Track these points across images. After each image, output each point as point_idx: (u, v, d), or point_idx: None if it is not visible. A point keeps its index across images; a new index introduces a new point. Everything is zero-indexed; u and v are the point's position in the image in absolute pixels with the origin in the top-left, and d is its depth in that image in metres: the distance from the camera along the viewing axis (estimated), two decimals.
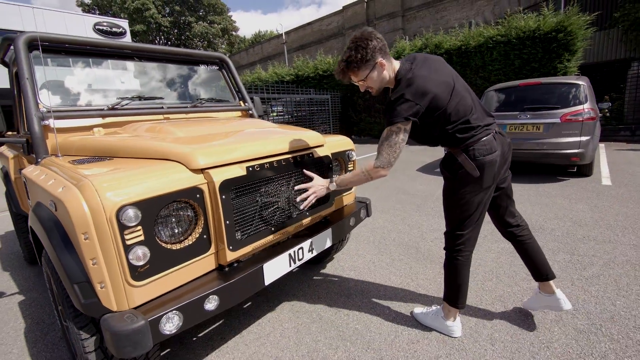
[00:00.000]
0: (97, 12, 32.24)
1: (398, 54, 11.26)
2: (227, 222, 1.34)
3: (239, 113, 2.85)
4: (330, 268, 2.61)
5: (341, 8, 23.43)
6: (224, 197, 1.31)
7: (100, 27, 19.57)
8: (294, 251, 1.62)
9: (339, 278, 2.45)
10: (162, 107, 2.32)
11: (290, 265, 1.60)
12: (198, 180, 1.29)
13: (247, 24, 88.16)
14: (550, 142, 4.60)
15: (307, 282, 2.42)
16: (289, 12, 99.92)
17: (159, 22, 31.18)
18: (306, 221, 1.77)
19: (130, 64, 2.50)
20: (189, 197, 1.27)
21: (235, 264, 1.45)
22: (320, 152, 1.82)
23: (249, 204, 1.46)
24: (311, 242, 1.71)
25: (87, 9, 32.90)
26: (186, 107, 2.47)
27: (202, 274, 1.36)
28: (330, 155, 1.88)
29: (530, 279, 2.16)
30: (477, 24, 12.58)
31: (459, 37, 10.03)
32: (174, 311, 1.16)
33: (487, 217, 1.77)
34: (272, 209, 1.57)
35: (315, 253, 1.76)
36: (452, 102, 1.47)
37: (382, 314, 1.98)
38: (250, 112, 2.88)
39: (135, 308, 1.17)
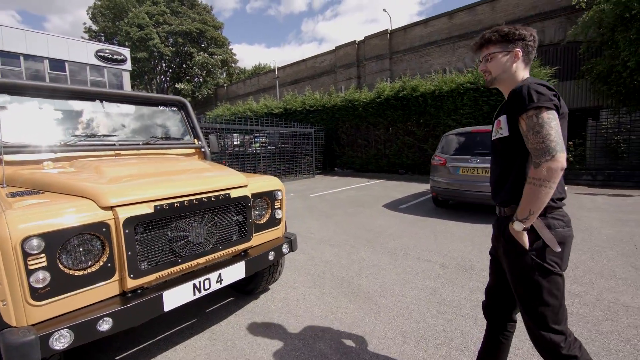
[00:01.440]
0: (104, 39, 33.71)
1: (378, 94, 11.98)
2: (129, 253, 1.55)
3: (192, 150, 3.13)
4: (262, 299, 2.77)
5: (334, 48, 24.89)
6: (127, 231, 1.54)
7: (102, 54, 20.46)
8: (200, 281, 1.82)
9: (266, 309, 2.61)
10: (115, 144, 2.59)
11: (194, 294, 1.79)
12: (105, 216, 1.52)
13: (250, 56, 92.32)
14: None
15: (235, 311, 2.57)
16: (291, 47, 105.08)
17: (162, 51, 32.59)
18: (219, 254, 1.98)
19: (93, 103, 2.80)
20: (96, 231, 1.49)
21: (139, 291, 1.64)
22: (239, 193, 2.07)
23: (157, 238, 1.68)
24: (220, 273, 1.91)
25: (93, 35, 34.39)
26: (138, 144, 2.74)
27: (105, 297, 1.55)
28: (249, 196, 2.13)
29: None
30: (450, 71, 13.50)
31: (434, 82, 10.78)
32: (65, 329, 1.34)
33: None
34: (181, 242, 1.79)
35: (224, 284, 1.95)
36: (564, 127, 1.23)
37: (289, 345, 2.13)
38: (203, 149, 3.17)
39: (33, 325, 1.35)
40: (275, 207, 2.44)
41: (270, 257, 2.26)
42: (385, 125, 12.07)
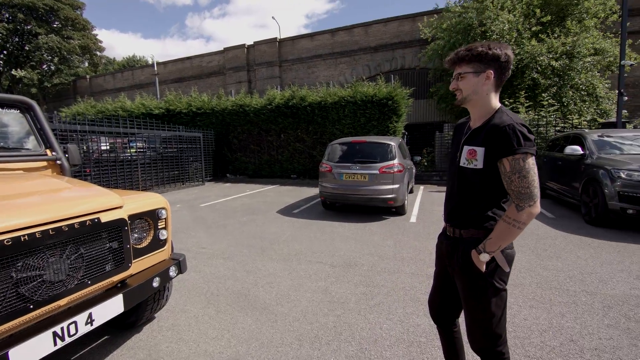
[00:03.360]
0: None
1: (270, 101, 12.15)
2: None
3: (44, 164, 2.56)
4: (147, 330, 2.49)
5: (223, 49, 23.93)
6: None
7: None
8: (63, 327, 1.52)
9: (152, 341, 2.35)
10: None
11: (56, 344, 1.49)
12: None
13: (123, 45, 79.47)
14: (373, 189, 5.71)
15: (113, 351, 2.23)
16: (173, 41, 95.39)
17: None
18: (87, 290, 1.70)
19: None
20: None
21: None
22: (112, 216, 1.82)
23: None
24: (90, 313, 1.64)
25: None
26: None
27: None
28: (126, 218, 1.89)
29: None
30: (334, 84, 14.81)
31: (320, 93, 11.63)
32: None
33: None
34: (34, 284, 1.46)
35: (97, 324, 1.69)
36: None
37: None
38: (59, 162, 2.62)
39: None
40: (159, 227, 2.23)
41: (155, 284, 2.05)
42: (277, 131, 12.33)
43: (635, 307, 2.67)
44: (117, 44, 78.28)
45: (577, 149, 6.07)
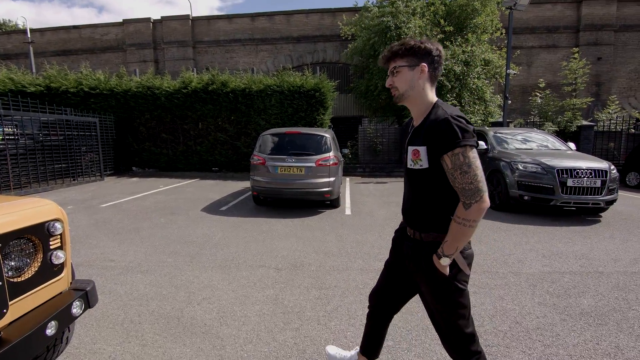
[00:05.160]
0: None
1: (185, 84, 10.82)
2: None
3: None
4: None
5: (122, 21, 20.50)
6: None
7: None
8: None
9: None
10: None
11: None
12: None
13: None
14: (309, 182, 5.49)
15: None
16: (53, 7, 78.31)
17: None
18: None
19: None
20: None
21: None
22: None
23: None
24: None
25: None
26: None
27: None
28: None
29: None
30: (260, 71, 14.10)
31: (243, 80, 10.83)
32: None
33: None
34: None
35: None
36: None
37: None
38: None
39: None
40: (52, 247, 1.57)
41: (50, 331, 1.41)
42: (195, 119, 11.08)
43: (552, 283, 3.06)
44: None
45: (482, 144, 6.90)
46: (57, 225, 1.55)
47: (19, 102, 8.01)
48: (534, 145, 6.84)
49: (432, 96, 1.32)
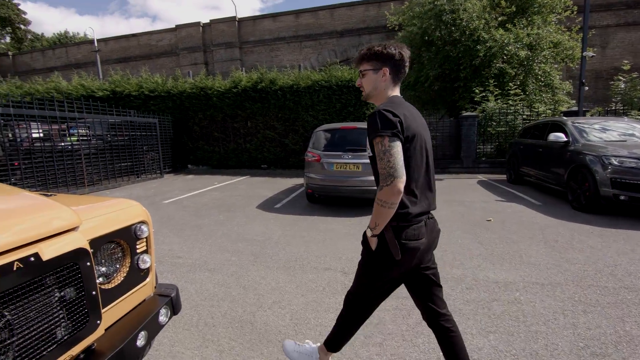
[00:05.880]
0: None
1: (235, 84, 11.06)
2: None
3: None
4: None
5: (174, 27, 21.72)
6: None
7: None
8: None
9: None
10: None
11: None
12: None
13: (54, 21, 69.68)
14: (367, 180, 5.20)
15: None
16: (114, 19, 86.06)
17: None
18: None
19: None
20: None
21: None
22: (63, 246, 1.05)
23: None
24: None
25: None
26: None
27: None
28: (87, 246, 1.14)
29: None
30: (305, 67, 14.02)
31: (291, 77, 10.78)
32: None
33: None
34: None
35: None
36: (417, 147, 1.39)
37: None
38: None
39: None
40: (139, 250, 1.48)
41: (141, 343, 1.32)
42: (244, 117, 11.30)
43: None
44: (46, 19, 68.60)
45: (560, 136, 6.08)
46: (144, 227, 1.46)
47: (90, 105, 8.71)
48: (625, 137, 5.88)
49: (392, 94, 1.46)
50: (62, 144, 7.70)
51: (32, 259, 0.97)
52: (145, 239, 1.51)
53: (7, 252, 0.92)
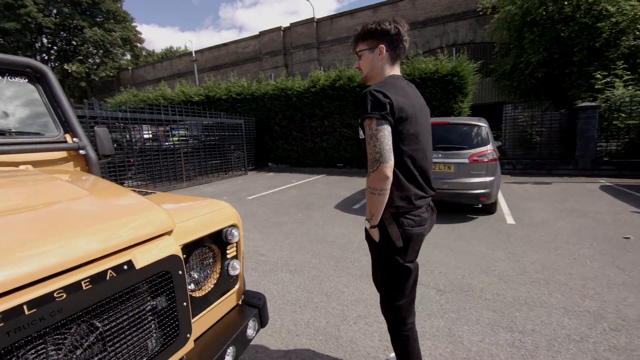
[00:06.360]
0: None
1: (313, 83, 11.16)
2: None
3: (62, 154, 1.79)
4: None
5: (258, 33, 23.20)
6: None
7: None
8: None
9: None
10: None
11: None
12: None
13: (162, 39, 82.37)
14: (461, 182, 4.58)
15: None
16: (208, 33, 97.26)
17: (39, 22, 26.09)
18: None
19: None
20: None
21: None
22: (156, 253, 0.95)
23: None
24: None
25: None
26: None
27: None
28: (180, 253, 1.03)
29: None
30: None
31: None
32: None
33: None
34: None
35: None
36: (411, 129, 1.30)
37: None
38: (82, 152, 1.84)
39: None
40: (229, 256, 1.37)
41: (230, 357, 1.20)
42: (322, 116, 11.34)
43: None
44: (157, 38, 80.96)
45: None
46: (234, 232, 1.34)
47: (188, 109, 9.73)
48: None
49: (391, 73, 1.38)
50: (166, 143, 8.76)
51: (126, 267, 0.88)
52: (235, 245, 1.39)
53: (100, 259, 0.84)
